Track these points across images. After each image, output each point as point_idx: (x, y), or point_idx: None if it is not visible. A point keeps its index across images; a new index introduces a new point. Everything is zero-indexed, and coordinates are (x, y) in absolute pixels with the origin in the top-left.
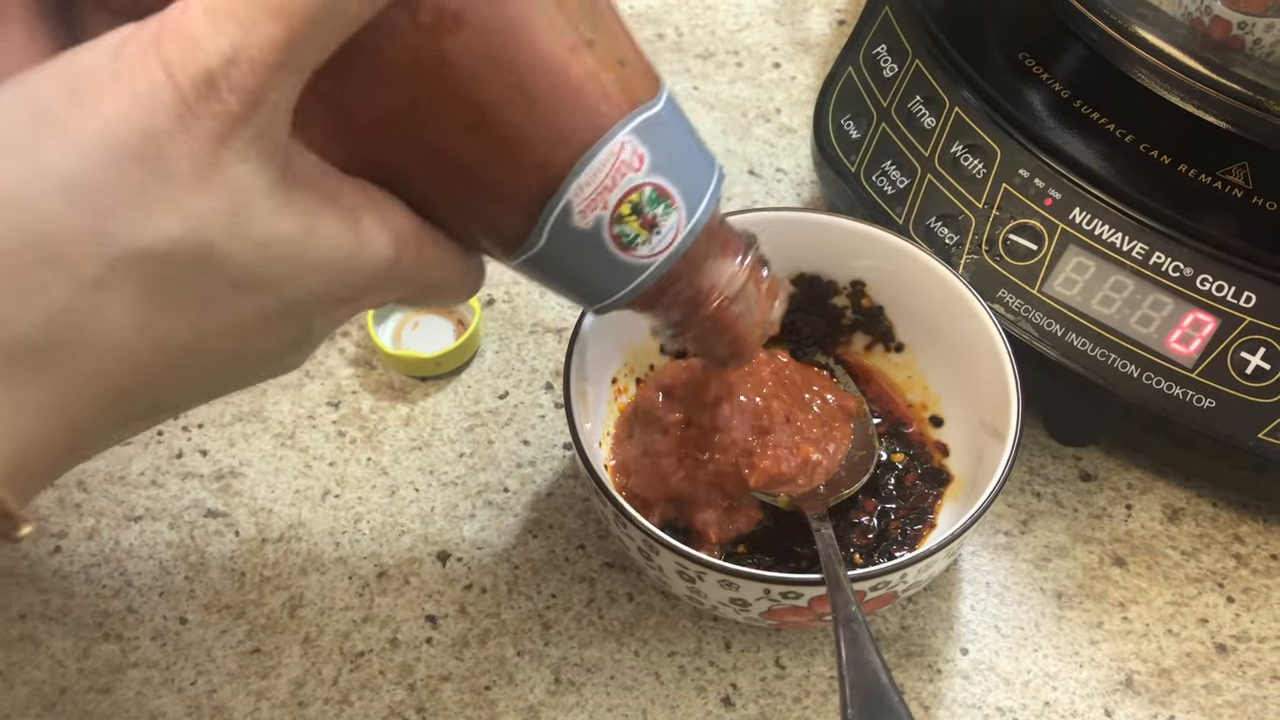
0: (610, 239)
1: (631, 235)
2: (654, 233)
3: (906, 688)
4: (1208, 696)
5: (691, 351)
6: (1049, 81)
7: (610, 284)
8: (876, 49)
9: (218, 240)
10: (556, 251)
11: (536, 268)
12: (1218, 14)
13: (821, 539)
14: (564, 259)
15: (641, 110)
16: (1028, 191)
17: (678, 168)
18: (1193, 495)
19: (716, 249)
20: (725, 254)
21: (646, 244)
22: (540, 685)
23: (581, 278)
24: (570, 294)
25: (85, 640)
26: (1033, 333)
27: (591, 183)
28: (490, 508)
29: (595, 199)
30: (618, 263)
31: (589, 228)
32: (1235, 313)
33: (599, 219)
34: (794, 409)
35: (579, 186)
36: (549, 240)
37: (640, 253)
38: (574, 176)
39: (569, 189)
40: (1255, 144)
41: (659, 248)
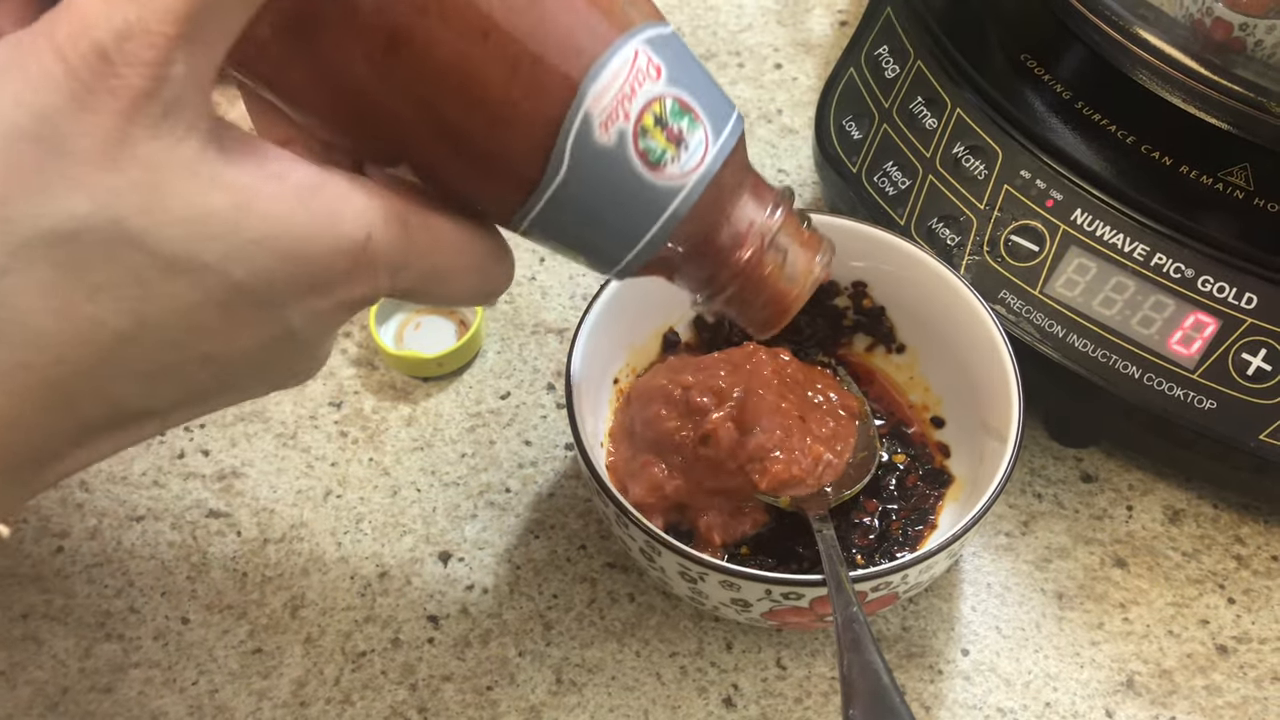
0: (636, 156)
1: (659, 151)
2: (681, 148)
3: (908, 688)
4: (1208, 697)
5: (729, 315)
6: (1050, 83)
7: (641, 217)
8: (878, 50)
9: (131, 216)
10: (580, 180)
11: (559, 210)
12: (1219, 15)
13: (823, 540)
14: (589, 190)
15: (652, 25)
16: (1029, 193)
17: (697, 86)
18: (1194, 497)
19: (749, 185)
20: (760, 196)
21: (675, 161)
22: (542, 685)
23: (609, 215)
24: (597, 242)
25: (87, 640)
26: (1034, 334)
27: (610, 89)
28: (492, 508)
29: (616, 108)
30: (647, 187)
31: (612, 143)
32: (1236, 314)
33: (622, 132)
34: (805, 409)
35: (597, 94)
36: (570, 165)
37: (670, 172)
38: (591, 80)
39: (587, 96)
40: (1256, 145)
41: (689, 164)
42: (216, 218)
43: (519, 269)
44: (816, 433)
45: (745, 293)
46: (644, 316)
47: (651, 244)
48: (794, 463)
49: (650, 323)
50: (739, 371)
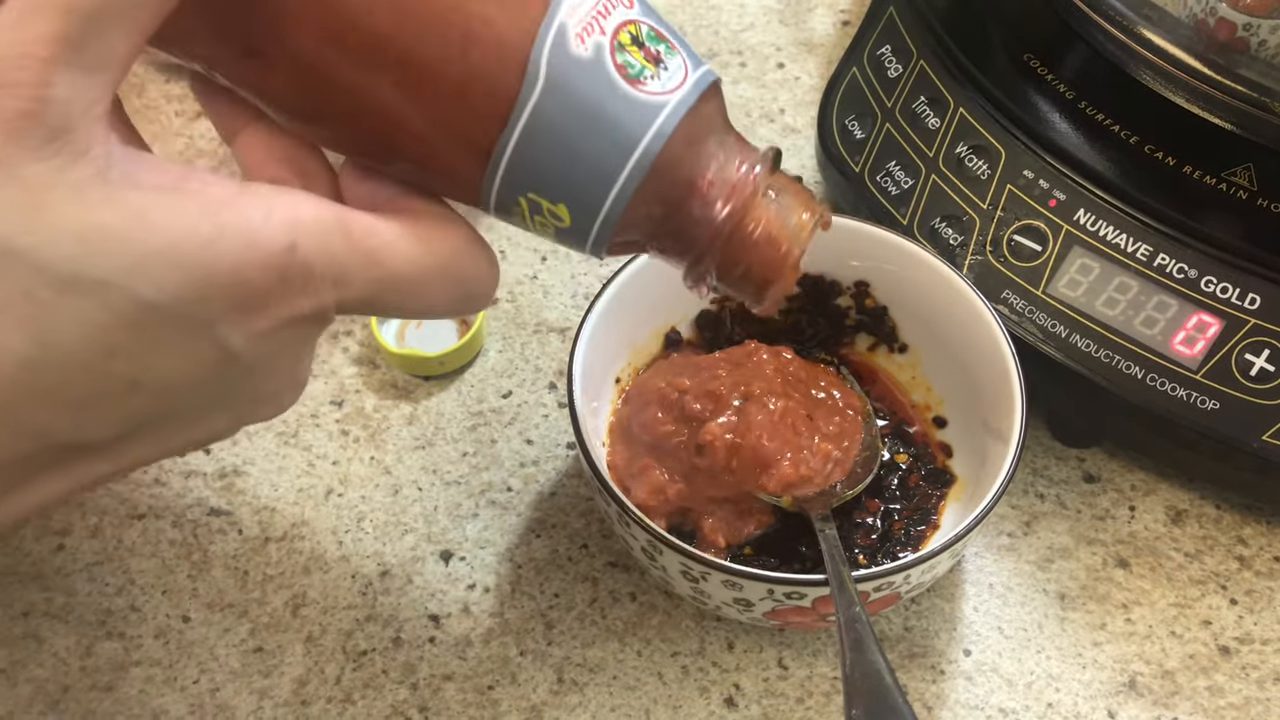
0: (615, 69)
1: (637, 66)
2: (660, 68)
3: (910, 688)
4: (1211, 698)
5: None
6: (1053, 83)
7: (623, 139)
8: (881, 49)
9: (14, 234)
10: (558, 96)
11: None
12: (1223, 15)
13: (825, 540)
14: (568, 109)
15: None
16: (1032, 193)
17: (668, 26)
18: (1196, 497)
19: (731, 136)
20: (743, 149)
21: (655, 79)
22: (543, 685)
23: (590, 140)
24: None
25: (88, 638)
26: (1037, 334)
27: (582, 3)
28: (493, 507)
29: (590, 22)
30: (627, 101)
31: (589, 55)
32: (1240, 314)
33: (599, 45)
34: (811, 406)
35: (571, 5)
36: (547, 78)
37: (650, 88)
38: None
39: (561, 5)
40: (1260, 146)
41: (669, 85)
42: (110, 233)
43: (520, 268)
44: (824, 430)
45: (733, 254)
46: (646, 316)
47: (634, 177)
48: (802, 462)
49: (652, 322)
50: (739, 370)
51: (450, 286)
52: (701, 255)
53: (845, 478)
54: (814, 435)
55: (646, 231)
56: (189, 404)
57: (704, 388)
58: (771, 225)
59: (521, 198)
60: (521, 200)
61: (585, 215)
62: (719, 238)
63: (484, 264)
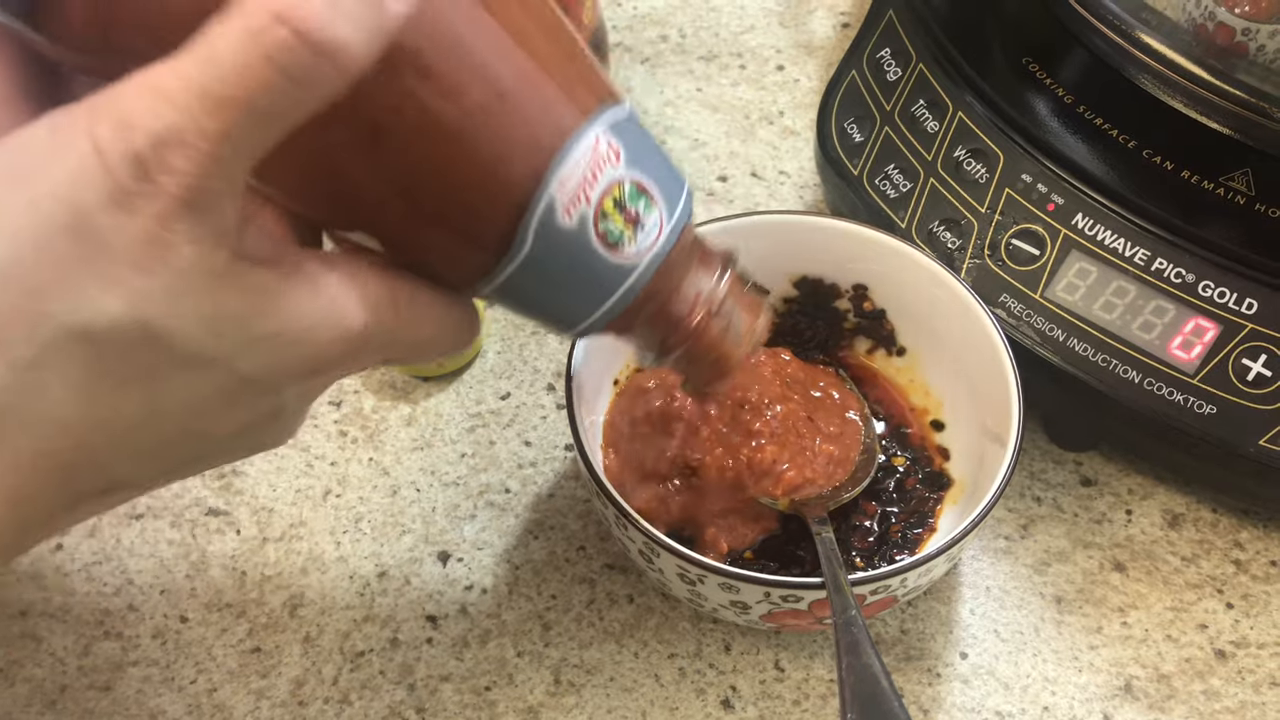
0: (596, 237)
1: (617, 233)
2: (638, 229)
3: (906, 691)
4: (1206, 702)
5: (677, 372)
6: (1052, 86)
7: (598, 292)
8: (880, 52)
9: (157, 318)
10: (542, 257)
11: (521, 282)
12: (1221, 20)
13: (822, 542)
14: (550, 266)
15: (610, 106)
16: (1030, 196)
17: (651, 166)
18: (1193, 501)
19: (698, 258)
20: (706, 265)
21: (632, 242)
22: (540, 686)
23: (568, 289)
24: (555, 311)
25: (86, 638)
26: (1034, 338)
27: (573, 176)
28: (491, 508)
29: (578, 194)
30: (605, 265)
31: (574, 226)
32: (1237, 319)
33: (583, 216)
34: (812, 408)
35: (561, 181)
36: (534, 244)
37: (627, 252)
38: (556, 167)
39: (552, 183)
40: (1258, 151)
41: (644, 245)
42: (233, 317)
43: None
44: (825, 431)
45: (694, 353)
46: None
47: (606, 315)
48: (806, 465)
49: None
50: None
51: (450, 345)
52: (664, 354)
53: (846, 479)
54: (816, 437)
55: (619, 333)
56: (233, 447)
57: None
58: (728, 332)
59: (504, 306)
60: (505, 307)
61: (560, 330)
62: (683, 343)
63: (477, 326)
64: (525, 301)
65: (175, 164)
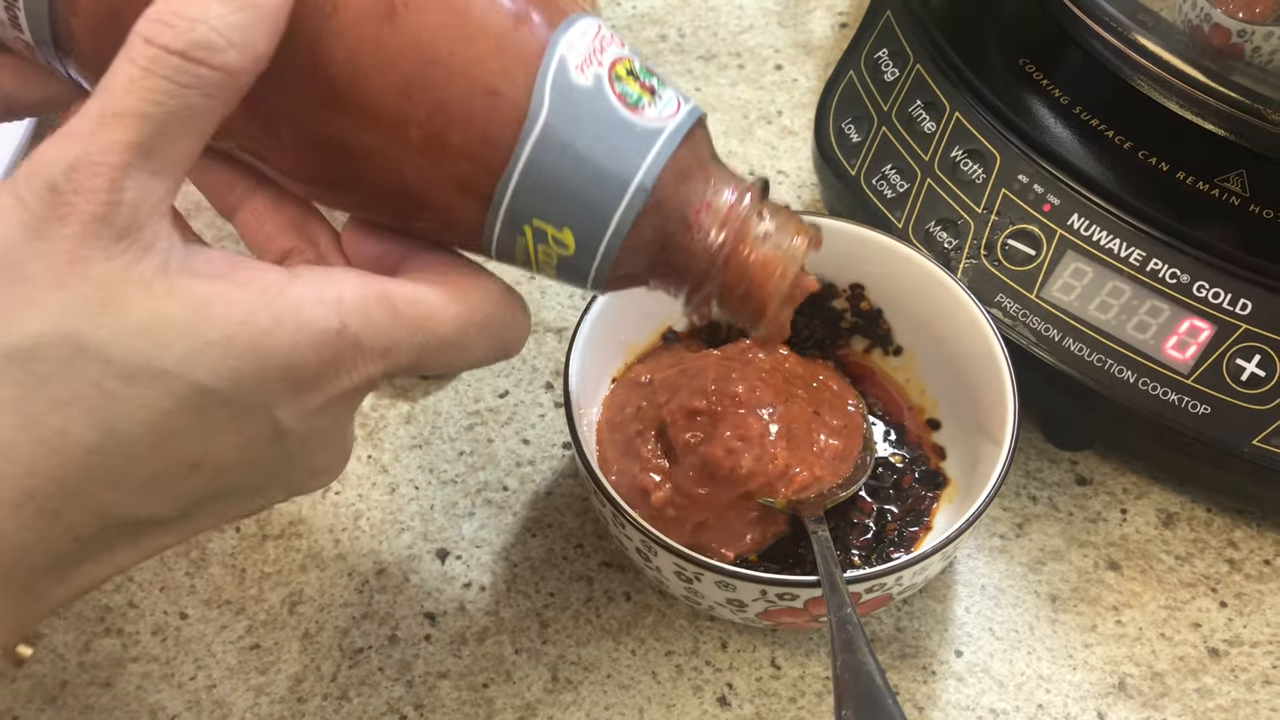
0: (615, 96)
1: (635, 95)
2: (656, 98)
3: (901, 689)
4: (1200, 700)
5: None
6: (1049, 88)
7: (625, 164)
8: (878, 53)
9: (86, 330)
10: (563, 123)
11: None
12: (1217, 22)
13: (818, 541)
14: (572, 133)
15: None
16: (1026, 197)
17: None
18: (1187, 500)
19: (724, 168)
20: (736, 180)
21: (652, 105)
22: (538, 683)
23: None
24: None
25: (86, 634)
26: (1030, 337)
27: (580, 41)
28: (489, 506)
29: (589, 57)
30: (628, 128)
31: (590, 84)
32: (1231, 320)
33: (598, 76)
34: (818, 404)
35: (569, 43)
36: (552, 104)
37: (649, 115)
38: (563, 31)
39: (560, 42)
40: (1253, 152)
41: (666, 112)
42: (172, 324)
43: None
44: (830, 424)
45: (730, 279)
46: (643, 316)
47: (636, 198)
48: (814, 463)
49: (649, 322)
50: (729, 370)
51: (490, 339)
52: (700, 282)
53: (848, 475)
54: (821, 433)
55: (647, 259)
56: (247, 480)
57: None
58: (765, 249)
59: (526, 226)
60: (526, 230)
61: (590, 238)
62: (716, 263)
63: (519, 313)
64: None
65: (85, 183)
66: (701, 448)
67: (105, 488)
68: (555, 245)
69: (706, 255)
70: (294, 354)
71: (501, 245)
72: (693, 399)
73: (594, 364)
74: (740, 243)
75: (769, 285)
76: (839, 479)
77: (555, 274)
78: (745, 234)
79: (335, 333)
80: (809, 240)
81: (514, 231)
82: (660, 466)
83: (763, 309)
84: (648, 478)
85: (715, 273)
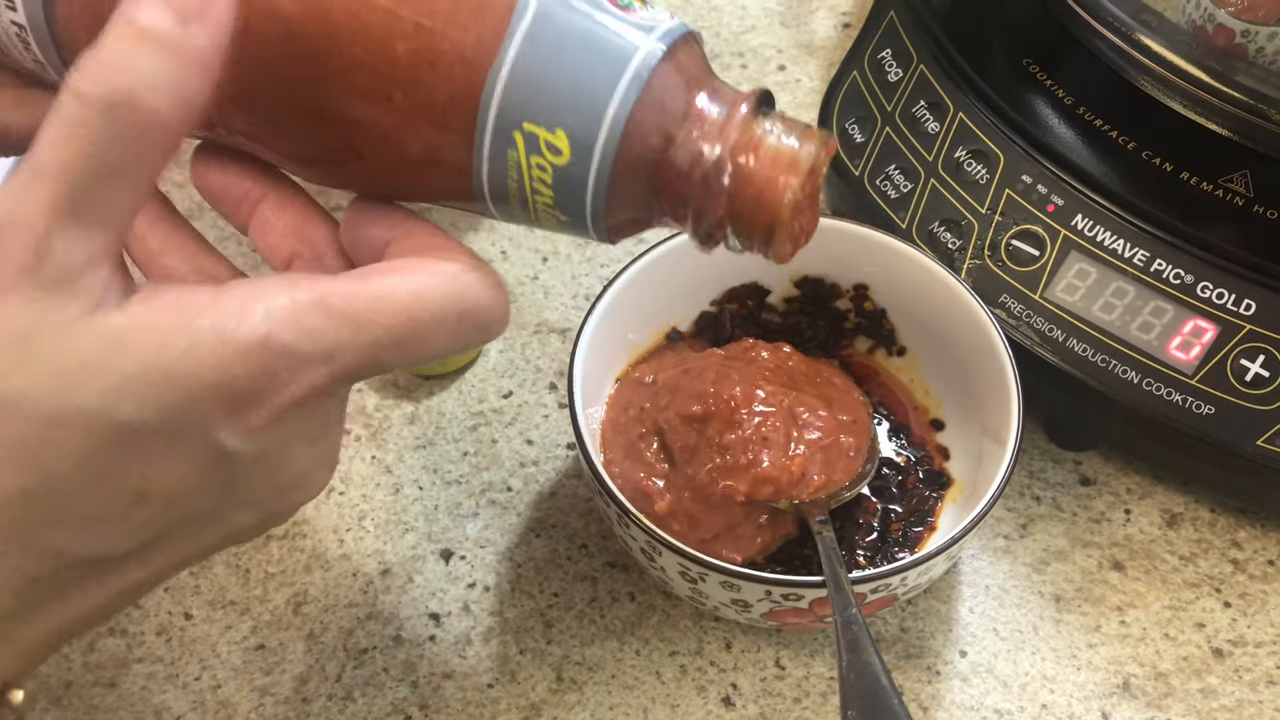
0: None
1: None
2: (647, 5)
3: (905, 689)
4: (1204, 700)
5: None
6: (1052, 88)
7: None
8: (881, 53)
9: (3, 377)
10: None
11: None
12: (1221, 22)
13: (822, 541)
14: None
15: None
16: (1030, 197)
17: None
18: (1191, 501)
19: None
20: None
21: (643, 8)
22: (542, 683)
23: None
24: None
25: (91, 635)
26: (1034, 338)
27: None
28: (493, 506)
29: None
30: (620, 22)
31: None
32: (1235, 320)
33: None
34: (829, 398)
35: None
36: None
37: (640, 15)
38: None
39: None
40: (1257, 152)
41: (659, 16)
42: (88, 362)
43: (521, 268)
44: (840, 420)
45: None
46: (647, 317)
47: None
48: (831, 464)
49: (653, 322)
50: (730, 371)
51: (452, 325)
52: (702, 202)
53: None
54: (839, 432)
55: (645, 179)
56: (204, 506)
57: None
58: (767, 156)
59: (516, 133)
60: (517, 139)
61: (586, 134)
62: (717, 176)
63: (486, 291)
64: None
65: (10, 242)
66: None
67: (47, 527)
68: (549, 153)
69: (705, 167)
70: (219, 372)
71: (493, 172)
72: (689, 404)
73: (598, 365)
74: (744, 143)
75: (778, 183)
76: (849, 476)
77: (553, 202)
78: (749, 134)
79: (259, 343)
80: (818, 143)
81: (504, 143)
82: (663, 471)
83: (770, 227)
84: (651, 484)
85: (717, 187)
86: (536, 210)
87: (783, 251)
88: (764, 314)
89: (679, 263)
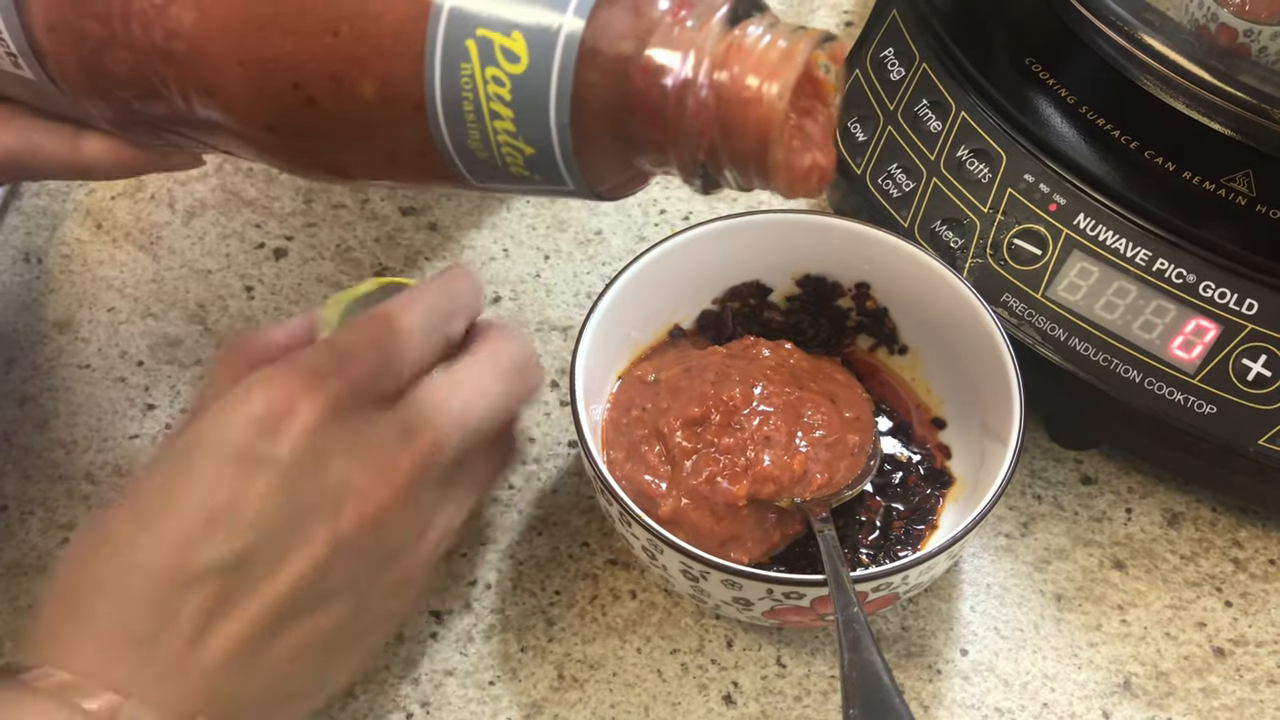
0: None
1: None
2: None
3: (906, 688)
4: (1205, 700)
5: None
6: (1055, 87)
7: None
8: (883, 52)
9: None
10: None
11: None
12: (1224, 21)
13: (824, 540)
14: None
15: None
16: (1032, 197)
17: None
18: (1192, 500)
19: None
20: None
21: None
22: (543, 681)
23: None
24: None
25: None
26: (1036, 337)
27: None
28: (495, 504)
29: None
30: None
31: None
32: (1237, 320)
33: None
34: (833, 391)
35: None
36: None
37: None
38: None
39: None
40: (1259, 152)
41: None
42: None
43: (523, 266)
44: (844, 417)
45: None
46: (649, 315)
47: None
48: (832, 463)
49: (655, 320)
50: (731, 370)
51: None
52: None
53: (831, 483)
54: (844, 429)
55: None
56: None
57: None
58: (750, 60)
59: (470, 41)
60: (470, 49)
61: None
62: (695, 87)
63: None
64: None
65: None
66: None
67: None
68: (505, 60)
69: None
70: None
71: (448, 100)
72: (689, 406)
73: (600, 362)
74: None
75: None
76: (852, 474)
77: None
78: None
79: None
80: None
81: (457, 54)
82: (666, 474)
83: (761, 148)
84: (654, 485)
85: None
86: (500, 151)
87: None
88: (766, 312)
89: (681, 261)
